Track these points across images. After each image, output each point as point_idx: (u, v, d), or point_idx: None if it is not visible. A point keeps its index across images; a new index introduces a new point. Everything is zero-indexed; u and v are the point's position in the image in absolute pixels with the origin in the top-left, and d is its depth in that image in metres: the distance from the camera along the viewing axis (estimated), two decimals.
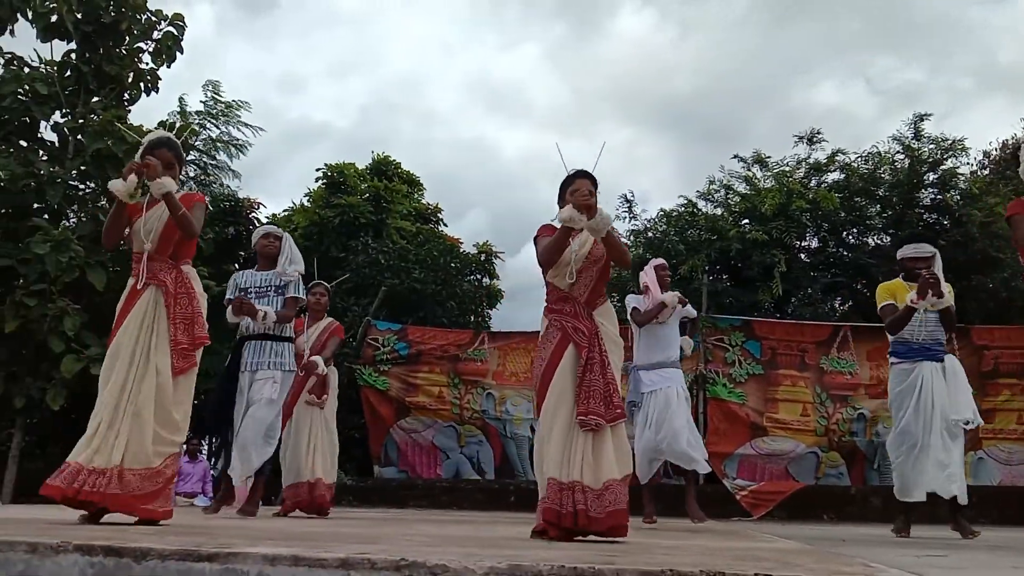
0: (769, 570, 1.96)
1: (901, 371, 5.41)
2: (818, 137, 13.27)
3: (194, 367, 3.71)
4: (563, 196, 3.65)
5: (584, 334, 3.42)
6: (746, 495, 8.97)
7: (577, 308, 3.50)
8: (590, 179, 3.63)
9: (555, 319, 3.53)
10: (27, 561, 2.11)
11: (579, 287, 3.53)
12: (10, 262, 8.88)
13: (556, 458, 3.28)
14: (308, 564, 1.99)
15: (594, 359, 3.39)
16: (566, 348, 3.44)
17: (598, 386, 3.34)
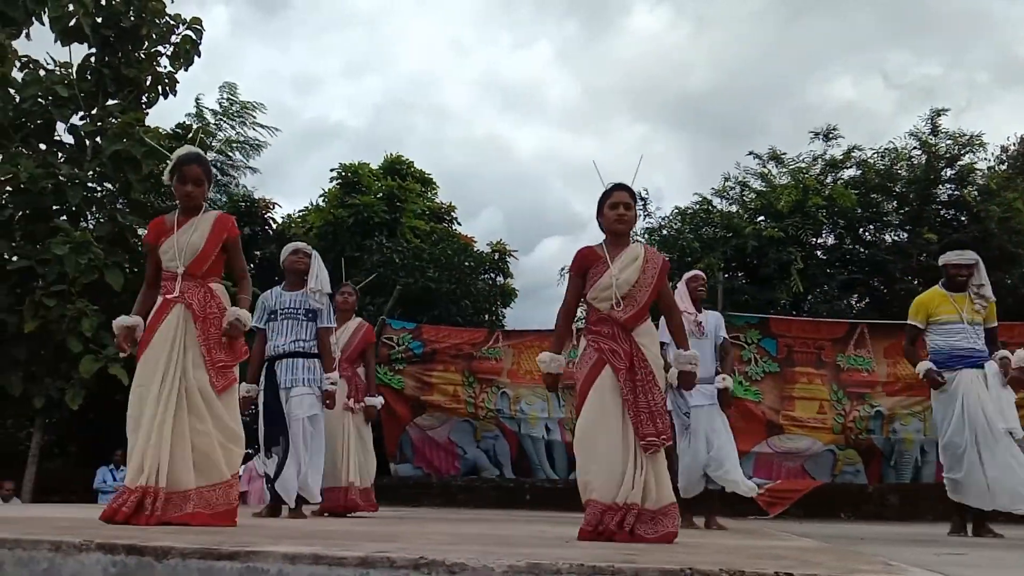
0: (789, 568, 1.94)
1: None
2: (834, 133, 13.22)
3: (235, 383, 3.72)
4: (601, 209, 3.62)
5: (621, 356, 3.39)
6: (762, 493, 8.90)
7: (615, 330, 3.44)
8: (628, 191, 3.59)
9: (592, 340, 3.49)
10: (51, 560, 2.13)
11: (620, 312, 3.46)
12: (30, 263, 8.98)
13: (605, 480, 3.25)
14: (328, 563, 2.00)
15: (639, 380, 3.36)
16: (602, 369, 3.40)
17: (654, 407, 3.32)
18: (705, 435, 5.77)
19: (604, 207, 3.59)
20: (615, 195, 3.57)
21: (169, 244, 3.71)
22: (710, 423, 5.79)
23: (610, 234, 3.60)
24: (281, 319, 5.27)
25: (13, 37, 9.89)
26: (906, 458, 9.22)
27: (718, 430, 5.78)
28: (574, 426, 3.44)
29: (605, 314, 3.47)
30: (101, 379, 8.97)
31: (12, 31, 9.86)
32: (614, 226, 3.56)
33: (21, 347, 9.00)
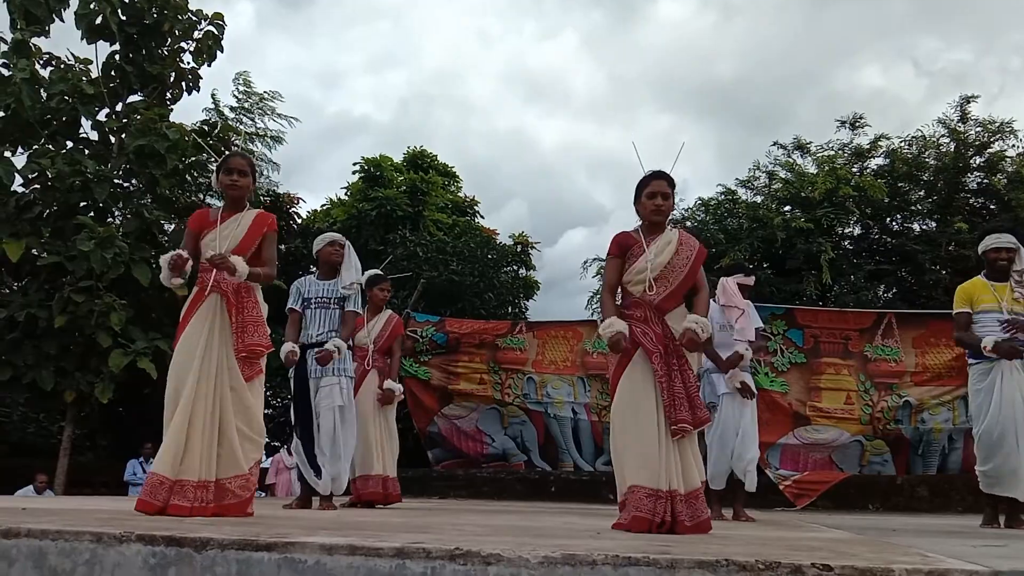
0: (825, 560, 1.93)
1: (979, 371, 5.21)
2: (860, 122, 13.05)
3: (261, 373, 3.77)
4: (639, 197, 3.61)
5: (654, 339, 3.38)
6: (790, 485, 8.86)
7: (648, 313, 3.44)
8: (667, 179, 3.58)
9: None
10: (92, 550, 2.16)
11: (652, 294, 3.46)
12: (58, 259, 9.09)
13: (642, 465, 3.25)
14: (364, 553, 2.01)
15: (674, 365, 3.35)
16: (634, 353, 3.40)
17: (683, 392, 3.31)
18: (734, 426, 5.74)
19: (642, 195, 3.58)
20: (653, 184, 3.56)
21: (212, 237, 3.78)
22: (740, 414, 5.76)
23: (646, 223, 3.60)
24: (314, 308, 5.35)
25: (37, 35, 10.00)
26: (933, 447, 9.13)
27: (746, 423, 5.75)
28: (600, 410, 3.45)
29: (638, 298, 3.47)
30: (130, 373, 9.08)
31: (36, 29, 9.96)
32: (651, 217, 3.56)
33: (52, 342, 9.12)
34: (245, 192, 3.92)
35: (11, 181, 9.41)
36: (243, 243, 3.79)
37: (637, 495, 3.23)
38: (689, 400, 3.31)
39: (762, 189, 13.27)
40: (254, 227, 3.83)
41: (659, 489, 3.20)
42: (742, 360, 5.70)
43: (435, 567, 1.97)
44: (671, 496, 3.21)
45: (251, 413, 3.66)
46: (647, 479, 3.23)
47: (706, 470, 5.75)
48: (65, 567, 2.17)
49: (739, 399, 5.75)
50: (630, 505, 3.24)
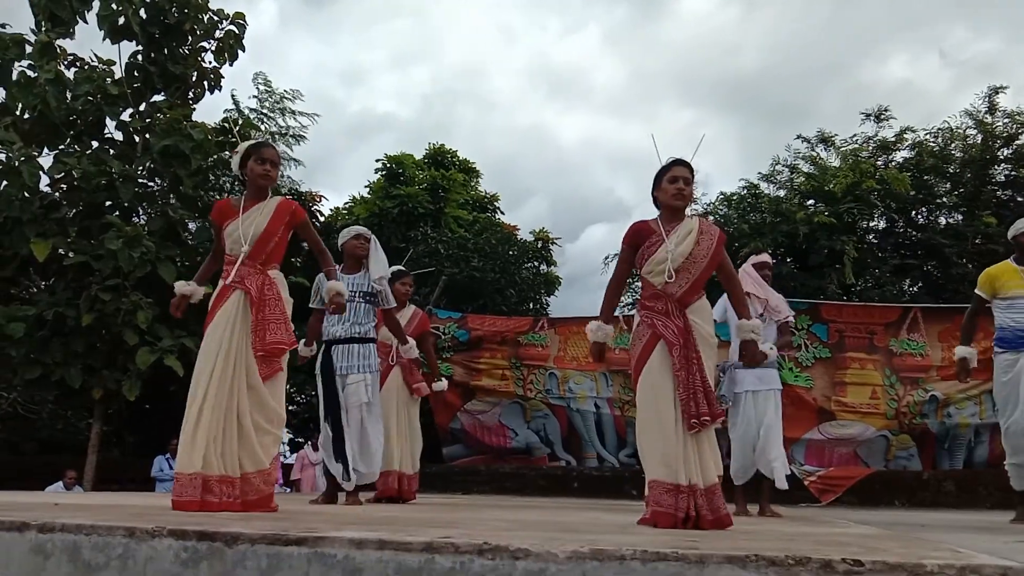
0: (856, 555, 1.92)
1: (1004, 361, 5.09)
2: (885, 114, 12.91)
3: (281, 371, 3.76)
4: (659, 183, 3.57)
5: (675, 332, 3.35)
6: (814, 480, 8.81)
7: (669, 306, 3.40)
8: (688, 167, 3.54)
9: (646, 316, 3.45)
10: (125, 545, 2.19)
11: (674, 286, 3.41)
12: (85, 258, 9.19)
13: (663, 460, 3.24)
14: (394, 548, 2.02)
15: (690, 358, 3.32)
16: (655, 346, 3.37)
17: (700, 386, 3.29)
18: (757, 422, 5.68)
19: (663, 181, 3.55)
20: (675, 169, 3.53)
21: (234, 227, 3.77)
22: (763, 409, 5.70)
23: (667, 209, 3.56)
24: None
25: (62, 36, 10.11)
26: (959, 441, 9.06)
27: (769, 419, 5.68)
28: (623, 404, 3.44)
29: (659, 289, 3.43)
30: (157, 371, 9.17)
31: (61, 31, 10.08)
32: (672, 201, 3.51)
33: (79, 340, 9.22)
34: (273, 183, 3.94)
35: (38, 181, 9.53)
36: (266, 233, 3.77)
37: (657, 490, 3.23)
38: (706, 394, 3.29)
39: (785, 183, 13.16)
40: (277, 214, 3.81)
41: (679, 484, 3.19)
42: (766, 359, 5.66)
43: (464, 562, 1.98)
44: (691, 491, 3.19)
45: (269, 408, 3.66)
46: (666, 474, 3.22)
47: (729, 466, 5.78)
48: (99, 561, 2.20)
49: (761, 395, 5.70)
50: (651, 500, 3.24)
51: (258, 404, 3.63)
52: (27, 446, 14.21)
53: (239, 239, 3.74)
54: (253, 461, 3.58)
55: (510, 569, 1.96)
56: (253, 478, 3.56)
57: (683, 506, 3.15)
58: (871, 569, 1.85)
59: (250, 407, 3.60)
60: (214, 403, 3.52)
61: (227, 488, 3.46)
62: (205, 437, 3.47)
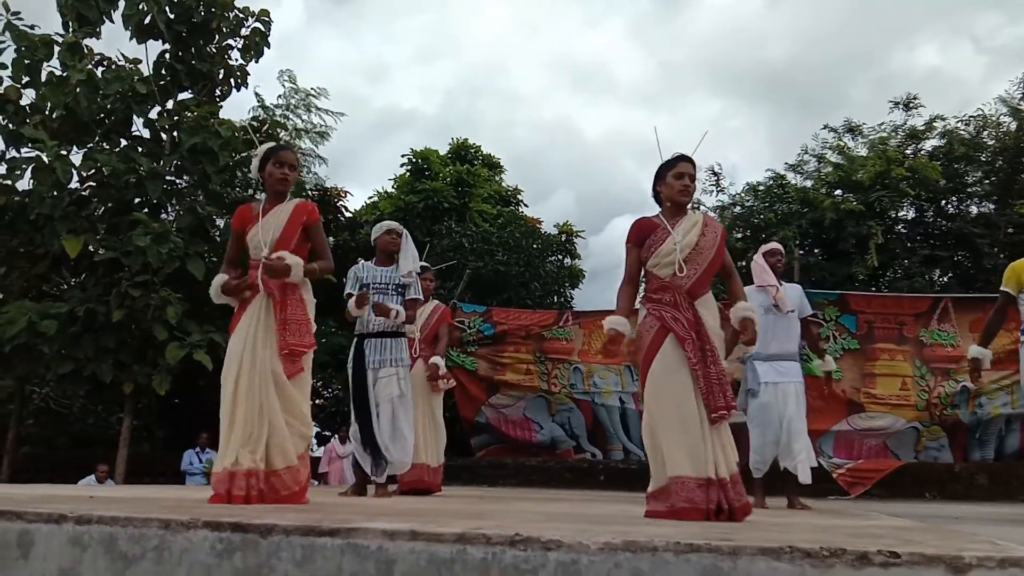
0: (892, 547, 1.89)
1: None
2: (914, 103, 12.72)
3: (303, 371, 3.79)
4: (662, 178, 3.54)
5: (685, 325, 3.31)
6: (843, 473, 8.73)
7: (677, 298, 3.37)
8: (691, 163, 3.51)
9: (653, 309, 3.41)
10: (161, 536, 2.21)
11: (682, 278, 3.39)
12: (115, 255, 9.30)
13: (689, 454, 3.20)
14: (426, 539, 2.03)
15: (705, 351, 3.29)
16: (664, 338, 3.33)
17: (715, 379, 3.26)
18: (777, 414, 5.63)
19: (667, 176, 3.52)
20: (680, 165, 3.50)
21: (254, 232, 3.82)
22: (784, 401, 5.65)
23: (671, 204, 3.53)
24: (372, 294, 5.38)
25: (89, 36, 10.23)
26: (991, 431, 8.96)
27: (790, 412, 5.63)
28: None
29: (667, 281, 3.40)
30: (186, 365, 9.26)
31: (88, 30, 10.19)
32: (678, 197, 3.49)
33: (110, 336, 9.34)
34: (292, 186, 3.96)
35: (68, 179, 9.65)
36: (283, 235, 3.81)
37: (687, 486, 3.17)
38: (722, 387, 3.26)
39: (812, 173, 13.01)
40: (294, 216, 3.85)
41: (709, 478, 3.16)
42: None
43: (495, 552, 1.98)
44: (721, 483, 3.16)
45: (296, 406, 3.70)
46: (694, 469, 3.17)
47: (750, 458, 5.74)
48: (135, 552, 2.23)
49: (781, 387, 5.65)
50: (678, 497, 3.18)
51: (286, 401, 3.67)
52: (59, 440, 14.43)
53: (259, 244, 3.79)
54: (283, 458, 3.61)
55: (542, 560, 1.96)
56: (283, 475, 3.60)
57: (714, 498, 3.12)
58: (908, 561, 1.83)
59: (279, 405, 3.64)
60: (245, 403, 3.58)
61: (254, 482, 3.50)
62: (240, 436, 3.54)
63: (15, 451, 10.52)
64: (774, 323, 5.72)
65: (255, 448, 3.55)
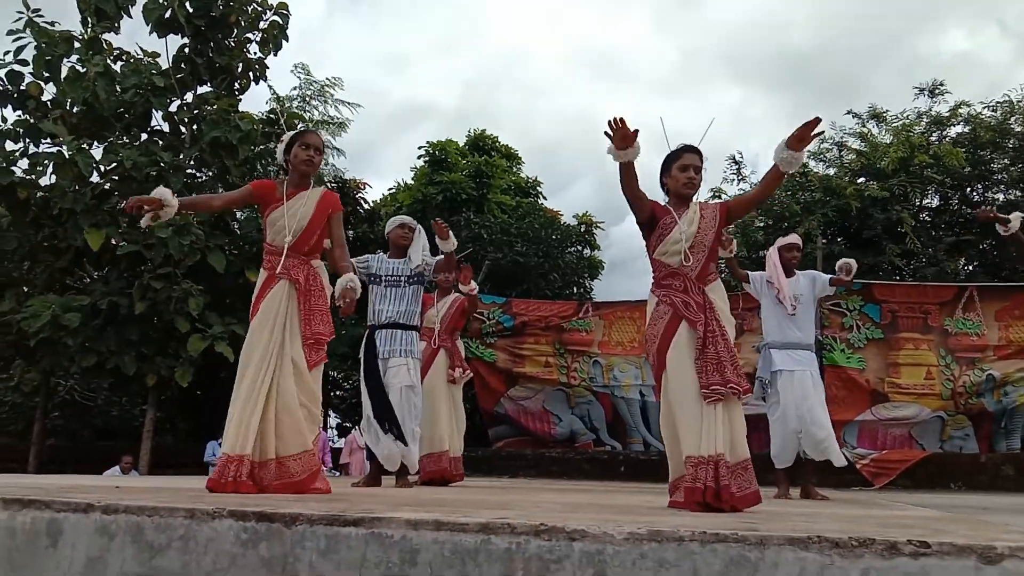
0: (923, 537, 1.87)
1: None
2: (940, 89, 12.51)
3: (324, 360, 3.83)
4: (668, 170, 3.52)
5: (695, 308, 3.30)
6: (867, 464, 8.66)
7: (687, 283, 3.36)
8: (697, 154, 3.48)
9: (664, 295, 3.39)
10: (186, 526, 2.22)
11: (690, 263, 3.39)
12: (137, 247, 9.37)
13: (691, 437, 3.18)
14: (450, 528, 2.02)
15: (713, 331, 3.27)
16: (678, 324, 3.31)
17: (722, 358, 3.23)
18: (795, 403, 5.58)
19: (672, 168, 3.49)
20: (686, 157, 3.47)
21: (279, 214, 3.80)
22: (800, 389, 5.60)
23: (675, 196, 3.51)
24: (384, 286, 5.41)
25: (107, 31, 10.30)
26: (1016, 420, 8.85)
27: (808, 398, 5.58)
28: None
29: (675, 268, 3.40)
30: (208, 357, 9.33)
31: (107, 25, 10.26)
32: (683, 189, 3.46)
33: (133, 328, 9.42)
34: (317, 170, 3.98)
35: (90, 172, 9.73)
36: (309, 227, 3.82)
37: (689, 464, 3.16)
38: (720, 366, 3.22)
39: (834, 161, 12.84)
40: (320, 207, 3.86)
41: (700, 456, 3.12)
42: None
43: (520, 542, 1.97)
44: (714, 462, 3.10)
45: (313, 393, 3.74)
46: (691, 448, 3.16)
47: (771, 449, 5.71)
48: (161, 542, 2.24)
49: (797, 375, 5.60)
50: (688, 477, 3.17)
51: (305, 388, 3.69)
52: (84, 432, 14.61)
53: (282, 229, 3.77)
54: (297, 443, 3.63)
55: (567, 550, 1.95)
56: (295, 460, 3.61)
57: (702, 476, 3.07)
58: (939, 551, 1.80)
59: (297, 391, 3.65)
60: (259, 390, 3.58)
61: (264, 471, 3.53)
62: (247, 422, 3.53)
63: (41, 443, 10.65)
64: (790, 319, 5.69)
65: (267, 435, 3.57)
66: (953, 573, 1.77)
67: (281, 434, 3.61)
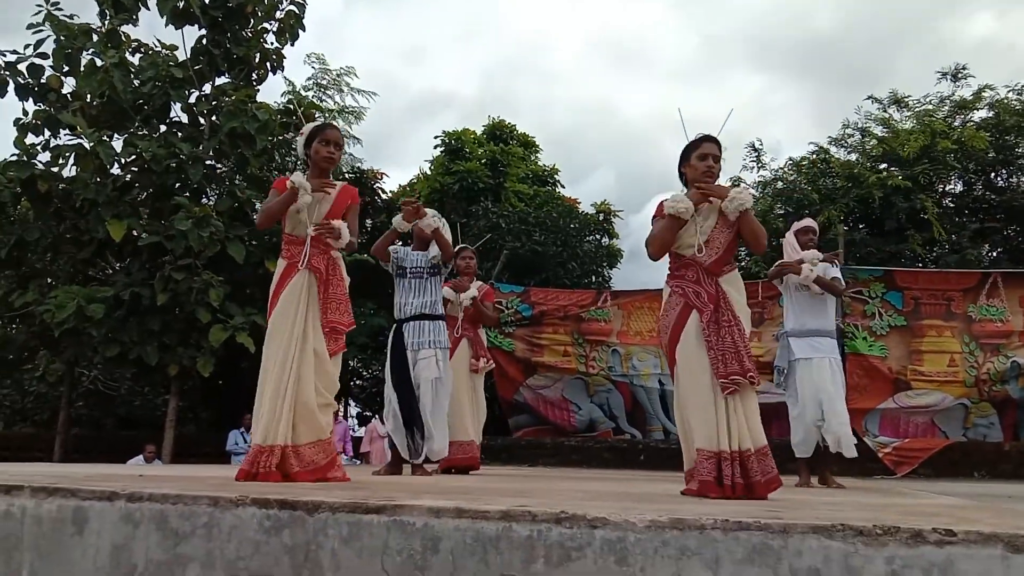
0: (948, 525, 1.85)
1: None
2: (963, 73, 12.30)
3: (343, 349, 3.89)
4: (687, 159, 3.50)
5: (705, 299, 3.30)
6: (889, 452, 8.59)
7: (700, 275, 3.36)
8: (716, 143, 3.46)
9: (676, 286, 3.40)
10: (210, 514, 2.24)
11: (704, 256, 3.38)
12: (158, 239, 9.43)
13: (704, 429, 3.17)
14: (471, 516, 2.03)
15: (728, 320, 3.26)
16: (689, 315, 3.32)
17: (732, 347, 3.22)
18: (814, 391, 5.57)
19: (692, 158, 3.48)
20: (705, 146, 3.45)
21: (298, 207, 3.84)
22: (818, 378, 5.58)
23: (695, 185, 3.48)
24: (410, 277, 5.46)
25: (125, 23, 10.35)
26: None
27: (826, 387, 5.56)
28: None
29: (689, 259, 3.39)
30: (229, 347, 9.40)
31: (124, 17, 10.31)
32: (701, 178, 3.44)
33: (155, 319, 9.50)
34: (336, 165, 4.05)
35: (111, 164, 9.81)
36: (331, 215, 3.89)
37: (699, 459, 3.17)
38: (737, 355, 3.21)
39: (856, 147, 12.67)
40: (340, 199, 3.94)
41: (721, 451, 3.12)
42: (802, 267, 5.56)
43: (541, 530, 1.98)
44: (737, 457, 3.11)
45: (333, 383, 3.81)
46: (706, 442, 3.16)
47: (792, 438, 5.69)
48: (185, 529, 2.26)
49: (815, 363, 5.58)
50: (699, 470, 3.17)
51: (323, 375, 3.74)
52: (107, 421, 14.77)
53: (304, 221, 3.84)
54: (314, 431, 3.68)
55: (588, 538, 1.95)
56: (312, 447, 3.66)
57: (728, 473, 3.08)
58: (964, 539, 1.79)
59: (315, 378, 3.70)
60: (287, 381, 3.64)
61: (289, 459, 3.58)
62: (279, 412, 3.60)
63: (66, 432, 10.79)
64: (809, 299, 5.69)
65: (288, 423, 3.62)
66: (979, 561, 1.76)
67: (298, 423, 3.66)
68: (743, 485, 3.07)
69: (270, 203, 3.93)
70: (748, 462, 3.10)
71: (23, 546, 2.42)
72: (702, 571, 1.86)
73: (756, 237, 3.43)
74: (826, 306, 5.75)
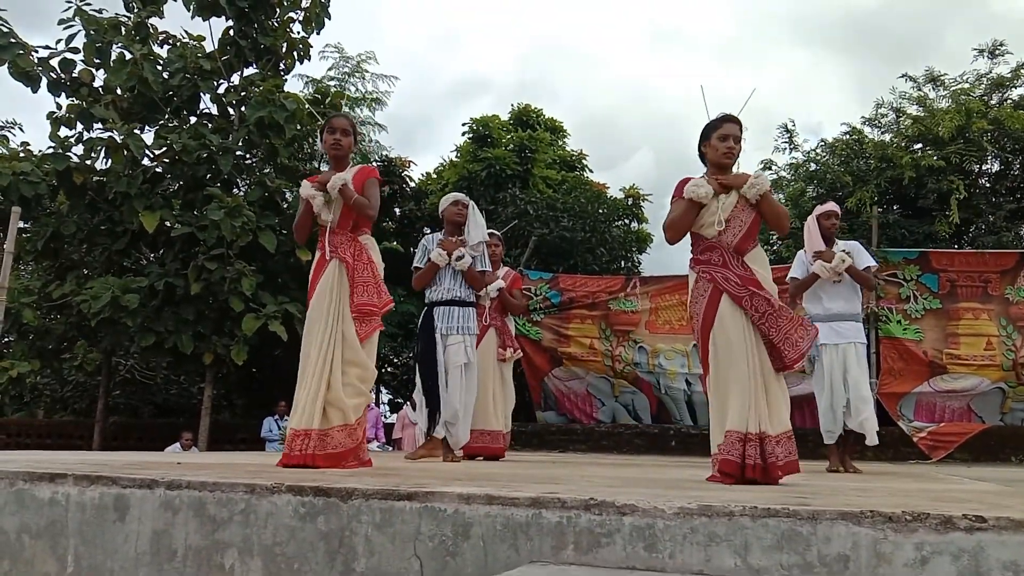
0: (978, 511, 1.84)
1: None
2: (1000, 49, 11.99)
3: (377, 331, 3.96)
4: (707, 139, 3.47)
5: (737, 283, 3.27)
6: (924, 437, 8.50)
7: (726, 256, 3.33)
8: (737, 124, 3.43)
9: (703, 271, 3.37)
10: (247, 500, 2.30)
11: (727, 235, 3.35)
12: (190, 229, 9.57)
13: (741, 412, 3.17)
14: (501, 503, 2.05)
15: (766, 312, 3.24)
16: (719, 299, 3.29)
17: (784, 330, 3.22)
18: (840, 377, 5.55)
19: (712, 138, 3.44)
20: (726, 127, 3.42)
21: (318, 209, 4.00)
22: (844, 363, 5.56)
23: (715, 166, 3.46)
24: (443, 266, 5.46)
25: (152, 15, 10.45)
26: None
27: (854, 374, 5.55)
28: None
29: (713, 241, 3.37)
30: (262, 336, 9.52)
31: (152, 9, 10.42)
32: (722, 159, 3.42)
33: (189, 308, 9.65)
34: (348, 151, 4.09)
35: (142, 156, 9.94)
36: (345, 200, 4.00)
37: (730, 439, 3.17)
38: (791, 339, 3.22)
39: (890, 127, 12.42)
40: (357, 178, 4.04)
41: (748, 432, 3.13)
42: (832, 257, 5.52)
43: (570, 516, 2.00)
44: (761, 439, 3.12)
45: (363, 368, 3.86)
46: (738, 423, 3.16)
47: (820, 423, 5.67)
48: (223, 516, 2.32)
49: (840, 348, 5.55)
50: (723, 450, 3.18)
51: (351, 361, 3.82)
52: (144, 410, 15.04)
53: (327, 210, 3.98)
54: (337, 417, 3.75)
55: (617, 525, 1.96)
56: (336, 432, 3.73)
57: (752, 454, 3.09)
58: (995, 526, 1.78)
59: (343, 363, 3.79)
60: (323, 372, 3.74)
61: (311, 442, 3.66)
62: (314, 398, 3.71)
63: (104, 420, 11.02)
64: (831, 283, 5.65)
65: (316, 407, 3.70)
66: (1010, 548, 1.75)
67: (327, 408, 3.75)
68: (761, 467, 3.08)
69: (296, 219, 4.15)
70: (769, 444, 3.10)
71: (67, 531, 2.50)
72: (731, 558, 1.87)
73: (778, 218, 3.42)
74: (849, 290, 5.72)
